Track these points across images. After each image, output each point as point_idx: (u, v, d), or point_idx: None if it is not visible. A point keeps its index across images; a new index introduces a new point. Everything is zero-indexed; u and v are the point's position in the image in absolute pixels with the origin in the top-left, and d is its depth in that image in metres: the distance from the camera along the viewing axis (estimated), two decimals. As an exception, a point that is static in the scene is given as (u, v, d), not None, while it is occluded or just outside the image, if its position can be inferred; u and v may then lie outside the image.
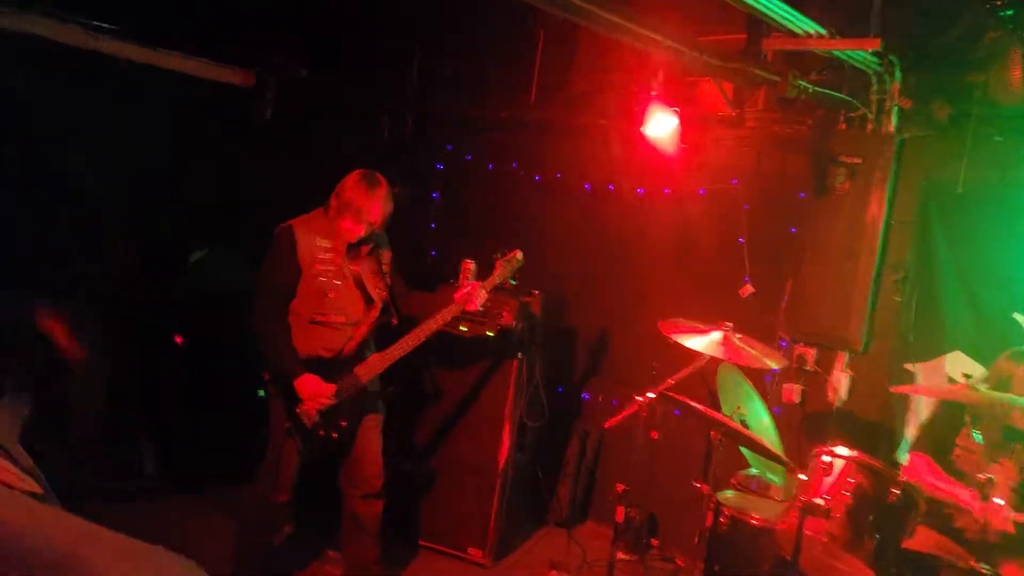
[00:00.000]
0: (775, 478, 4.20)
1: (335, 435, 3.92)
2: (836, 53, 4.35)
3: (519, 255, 4.26)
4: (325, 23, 6.20)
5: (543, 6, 3.45)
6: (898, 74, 4.60)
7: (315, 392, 3.81)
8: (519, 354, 4.84)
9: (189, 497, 5.19)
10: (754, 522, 3.75)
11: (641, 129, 4.76)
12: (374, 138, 6.32)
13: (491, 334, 4.84)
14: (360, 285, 3.99)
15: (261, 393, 4.05)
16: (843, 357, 4.87)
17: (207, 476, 5.29)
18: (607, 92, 5.50)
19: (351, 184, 3.88)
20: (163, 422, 5.41)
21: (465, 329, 4.85)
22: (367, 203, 3.86)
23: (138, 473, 5.25)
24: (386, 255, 4.14)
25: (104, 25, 5.38)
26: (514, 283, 4.37)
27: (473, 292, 4.08)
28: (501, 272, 4.21)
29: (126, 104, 5.66)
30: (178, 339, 5.62)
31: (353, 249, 3.97)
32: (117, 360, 5.14)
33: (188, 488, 5.24)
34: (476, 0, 5.78)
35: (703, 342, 3.82)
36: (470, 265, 4.64)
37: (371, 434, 4.08)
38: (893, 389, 4.27)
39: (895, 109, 4.65)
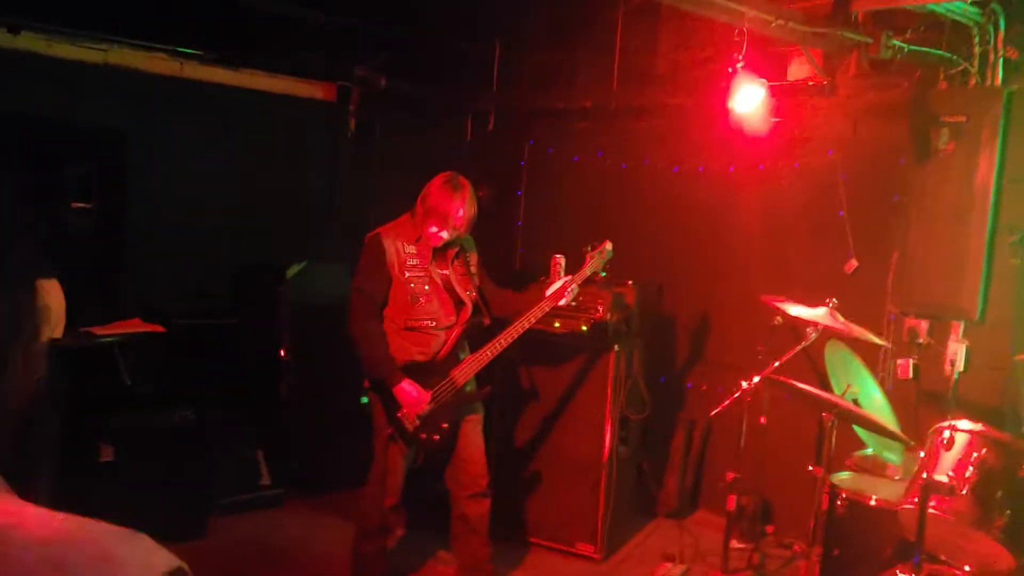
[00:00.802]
0: (892, 457, 4.02)
1: (436, 437, 3.94)
2: (932, 7, 4.12)
3: (608, 246, 4.20)
4: (401, 31, 6.25)
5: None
6: (1003, 23, 4.33)
7: (413, 399, 3.84)
8: (615, 347, 4.77)
9: (306, 505, 5.31)
10: (873, 503, 3.59)
11: (728, 105, 4.62)
12: (457, 139, 6.34)
13: (585, 328, 4.78)
14: (449, 288, 4.00)
15: (365, 400, 4.11)
16: (958, 327, 4.62)
17: (322, 483, 5.41)
18: (692, 71, 5.37)
19: (435, 189, 3.90)
20: (277, 433, 5.55)
21: (559, 325, 4.81)
22: (451, 206, 3.87)
23: (256, 484, 5.39)
24: (473, 256, 4.14)
25: (190, 51, 5.56)
26: (604, 274, 4.31)
27: (563, 288, 4.06)
28: (592, 265, 4.16)
29: (218, 126, 5.85)
30: (283, 352, 5.74)
31: (440, 253, 3.98)
32: (229, 375, 5.34)
33: (305, 496, 5.37)
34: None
35: (809, 316, 3.68)
36: (560, 260, 4.61)
37: (472, 434, 4.09)
38: (1019, 357, 4.03)
39: (1000, 61, 4.39)
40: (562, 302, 4.08)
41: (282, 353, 5.75)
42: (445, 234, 3.91)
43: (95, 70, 5.30)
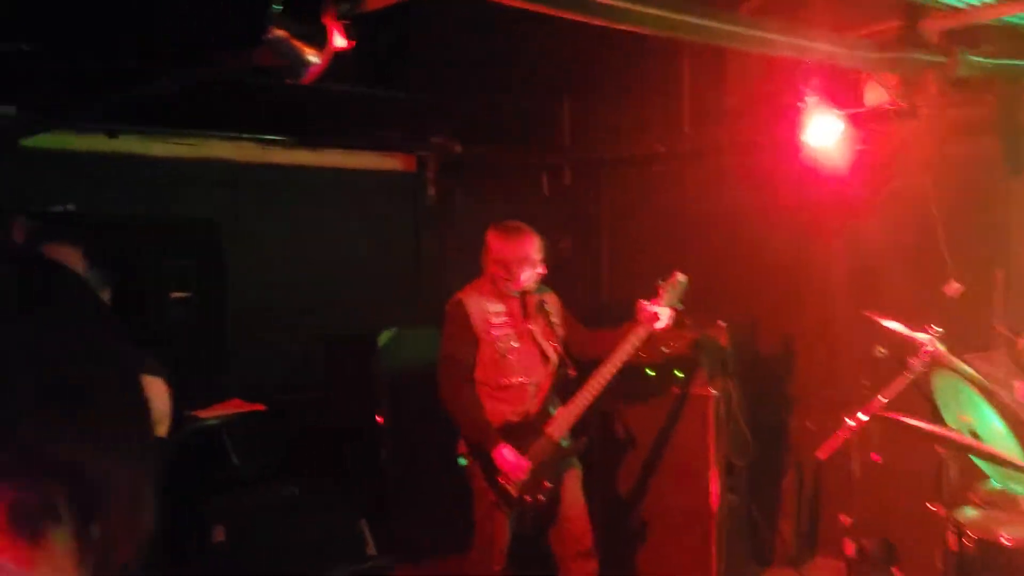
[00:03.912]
0: (1021, 489, 3.79)
1: (541, 498, 3.90)
2: (1008, 19, 3.99)
3: (680, 277, 4.11)
4: (472, 97, 6.38)
5: (687, 37, 3.38)
6: (1086, 26, 4.16)
7: (513, 464, 3.82)
8: (713, 390, 4.67)
9: (414, 572, 5.31)
10: (1007, 543, 3.38)
11: (803, 137, 4.55)
12: (536, 196, 6.40)
13: (680, 374, 4.71)
14: (536, 342, 3.99)
15: (462, 462, 4.11)
16: (1079, 343, 4.37)
17: (428, 549, 5.41)
18: (762, 106, 5.31)
19: (490, 240, 3.94)
20: (379, 501, 5.60)
21: (652, 373, 4.74)
22: (512, 248, 3.88)
23: (364, 555, 5.42)
24: (553, 306, 4.12)
25: (273, 137, 5.79)
26: (681, 306, 4.21)
27: (656, 313, 3.95)
28: (667, 298, 4.07)
29: (303, 205, 6.06)
30: (379, 419, 5.81)
31: (523, 306, 3.99)
32: (329, 447, 5.44)
33: (412, 563, 5.37)
34: (617, 42, 5.78)
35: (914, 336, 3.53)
36: (646, 305, 4.55)
37: (574, 491, 4.04)
38: None
39: (1089, 65, 4.20)
40: (659, 327, 3.97)
41: (378, 420, 5.82)
42: (524, 278, 3.90)
43: (188, 164, 5.57)
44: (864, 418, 3.67)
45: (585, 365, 4.12)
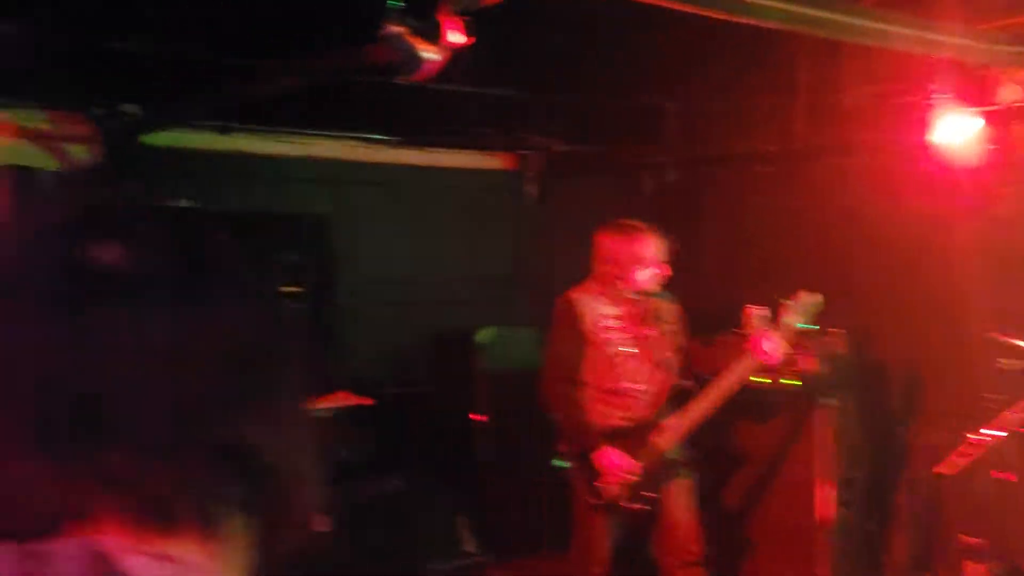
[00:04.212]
0: None
1: (641, 506, 3.82)
2: None
3: (808, 297, 3.92)
4: (574, 95, 6.32)
5: (807, 31, 3.26)
6: None
7: (615, 467, 3.74)
8: (827, 400, 4.50)
9: (510, 570, 5.30)
10: None
11: (930, 137, 4.33)
12: (637, 195, 6.31)
13: (793, 381, 4.55)
14: (650, 348, 3.90)
15: (560, 463, 4.06)
16: None
17: (524, 548, 5.39)
18: (884, 104, 5.09)
19: (602, 240, 3.86)
20: (478, 498, 5.61)
21: (766, 380, 4.60)
22: (627, 247, 3.79)
23: (461, 551, 5.44)
24: (671, 313, 4.01)
25: (379, 136, 5.87)
26: (814, 326, 4.05)
27: (772, 344, 3.79)
28: (788, 317, 3.90)
29: (407, 204, 6.13)
30: (479, 417, 5.83)
31: (639, 310, 3.90)
32: (431, 442, 5.48)
33: (508, 561, 5.36)
34: (727, 37, 5.64)
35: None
36: (752, 311, 4.40)
37: (681, 500, 3.93)
38: None
39: None
40: (771, 360, 3.83)
41: (478, 418, 5.84)
42: (640, 278, 3.81)
43: (295, 162, 5.69)
44: (998, 434, 3.47)
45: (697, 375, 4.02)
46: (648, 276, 3.83)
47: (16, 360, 0.58)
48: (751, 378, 4.54)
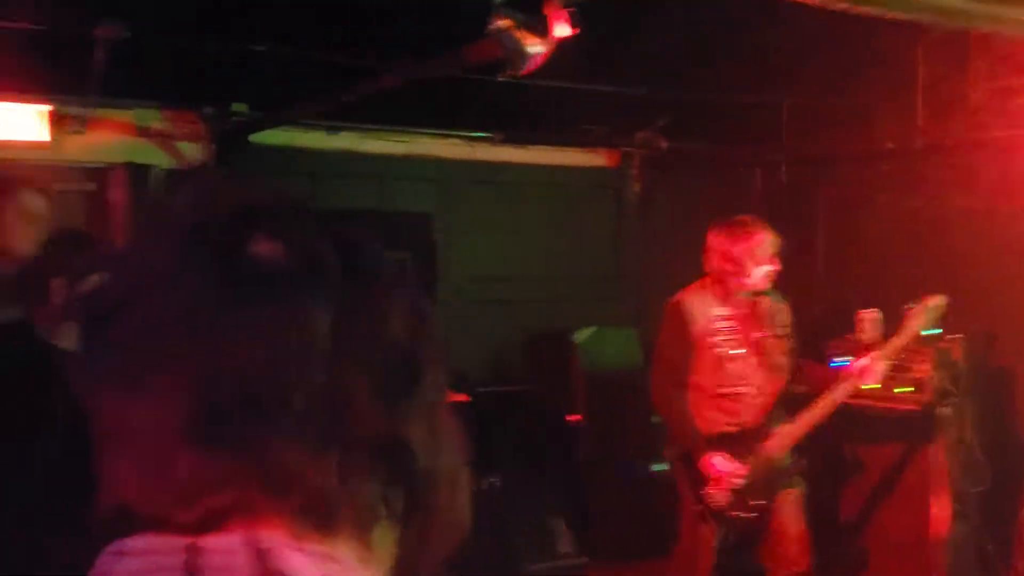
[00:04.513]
0: None
1: (749, 515, 3.70)
2: None
3: (935, 300, 3.74)
4: (681, 91, 6.20)
5: (938, 20, 3.09)
6: None
7: (722, 473, 3.64)
8: (943, 409, 4.28)
9: (608, 573, 5.24)
10: None
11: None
12: (747, 195, 6.15)
13: (908, 389, 4.34)
14: (762, 351, 3.77)
15: (662, 466, 3.99)
16: None
17: (623, 551, 5.32)
18: (1014, 100, 4.81)
19: (714, 238, 3.74)
20: (576, 499, 5.56)
21: (879, 387, 4.40)
22: (740, 244, 3.67)
23: (558, 552, 5.41)
24: (783, 315, 3.87)
25: (481, 134, 5.88)
26: (938, 330, 3.85)
27: (870, 366, 3.66)
28: (910, 327, 3.71)
29: (508, 201, 6.13)
30: (577, 418, 5.78)
31: (751, 312, 3.78)
32: (527, 442, 5.47)
33: (606, 564, 5.30)
34: (845, 29, 5.44)
35: None
36: (866, 316, 4.22)
37: (790, 510, 3.80)
38: None
39: None
40: (869, 383, 3.71)
41: (576, 419, 5.79)
42: (755, 276, 3.69)
43: (399, 161, 5.75)
44: None
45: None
46: (760, 275, 3.70)
47: (184, 356, 0.58)
48: (874, 387, 4.37)
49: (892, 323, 3.86)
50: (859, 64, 5.54)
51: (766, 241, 3.69)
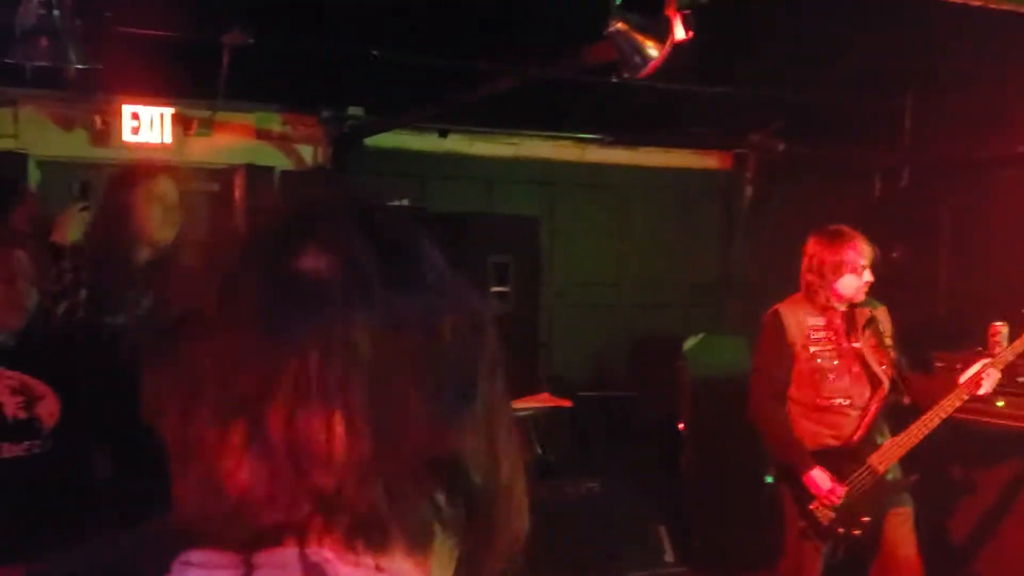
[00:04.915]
0: None
1: (856, 532, 3.56)
2: None
3: None
4: (798, 92, 6.03)
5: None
6: None
7: (826, 491, 3.52)
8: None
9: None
10: None
11: None
12: (865, 200, 5.92)
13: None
14: (863, 362, 3.63)
15: (769, 479, 3.89)
16: None
17: (726, 562, 5.21)
18: None
19: (809, 246, 3.62)
20: (678, 508, 5.49)
21: (1002, 404, 4.17)
22: (831, 254, 3.54)
23: (660, 561, 5.34)
24: (884, 326, 3.71)
25: (591, 136, 5.86)
26: None
27: (978, 376, 3.48)
28: None
29: (615, 204, 6.09)
30: (681, 426, 5.70)
31: (850, 322, 3.65)
32: (629, 448, 5.42)
33: (708, 575, 5.20)
34: (973, 27, 5.17)
35: None
36: (1001, 329, 4.00)
37: (900, 529, 3.63)
38: None
39: None
40: (981, 391, 3.51)
41: (680, 427, 5.70)
42: (843, 287, 3.56)
43: (508, 163, 5.79)
44: None
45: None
46: (854, 285, 3.57)
47: (237, 372, 0.59)
48: (996, 404, 4.14)
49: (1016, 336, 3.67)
50: (991, 61, 5.26)
51: (859, 252, 3.56)
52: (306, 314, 0.59)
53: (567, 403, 4.92)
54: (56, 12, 2.93)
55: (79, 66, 3.22)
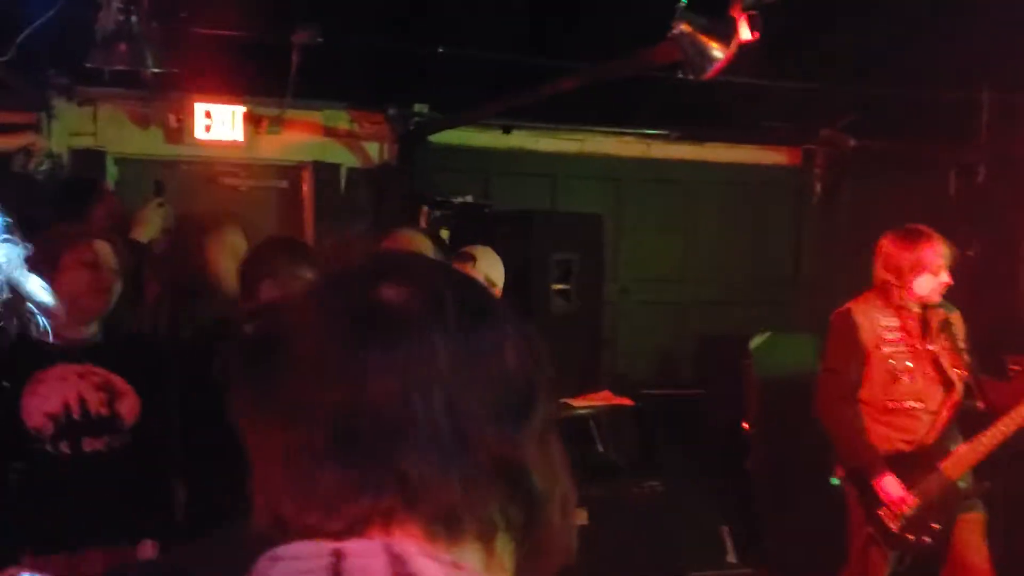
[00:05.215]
0: None
1: (926, 539, 3.48)
2: None
3: None
4: (870, 86, 5.89)
5: None
6: None
7: (898, 497, 3.44)
8: None
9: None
10: None
11: None
12: (939, 196, 5.76)
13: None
14: (937, 365, 3.53)
15: (835, 481, 3.82)
16: None
17: (790, 564, 5.13)
18: None
19: (884, 245, 3.53)
20: (743, 508, 5.43)
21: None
22: (906, 253, 3.45)
23: (723, 561, 5.30)
24: (958, 328, 3.61)
25: (656, 132, 5.81)
26: None
27: None
28: None
29: (681, 201, 6.03)
30: (747, 425, 5.63)
31: (924, 323, 3.56)
32: (694, 447, 5.37)
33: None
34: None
35: None
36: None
37: (971, 537, 3.54)
38: None
39: None
40: None
41: (746, 426, 5.64)
42: (919, 287, 3.47)
43: (572, 159, 5.79)
44: None
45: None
46: (930, 286, 3.47)
47: (325, 389, 0.67)
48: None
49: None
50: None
51: (936, 252, 3.46)
52: (388, 336, 0.67)
53: (628, 402, 4.90)
54: (134, 18, 3.03)
55: (156, 70, 3.32)
